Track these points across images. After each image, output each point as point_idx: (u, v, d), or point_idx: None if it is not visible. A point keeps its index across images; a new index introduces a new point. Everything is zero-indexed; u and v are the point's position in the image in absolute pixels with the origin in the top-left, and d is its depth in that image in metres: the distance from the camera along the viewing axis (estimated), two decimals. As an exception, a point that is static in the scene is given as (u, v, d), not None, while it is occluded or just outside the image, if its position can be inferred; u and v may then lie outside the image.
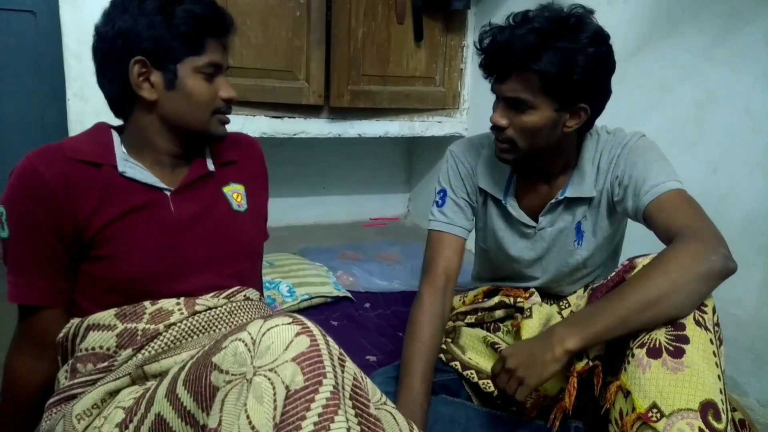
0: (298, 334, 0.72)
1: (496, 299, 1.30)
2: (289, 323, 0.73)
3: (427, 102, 2.59)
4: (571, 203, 1.22)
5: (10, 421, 1.02)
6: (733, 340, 1.53)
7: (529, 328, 1.18)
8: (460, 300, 1.39)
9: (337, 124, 2.45)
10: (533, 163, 1.21)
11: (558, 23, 1.07)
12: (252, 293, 1.07)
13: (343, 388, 0.73)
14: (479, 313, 1.32)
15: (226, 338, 0.74)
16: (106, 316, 0.95)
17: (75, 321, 0.96)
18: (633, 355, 0.93)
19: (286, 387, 0.68)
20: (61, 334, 0.97)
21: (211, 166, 1.08)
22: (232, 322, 0.99)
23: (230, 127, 1.08)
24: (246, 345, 0.72)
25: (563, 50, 1.05)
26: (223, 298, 1.01)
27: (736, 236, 1.51)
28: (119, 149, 1.01)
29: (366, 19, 2.35)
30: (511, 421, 1.19)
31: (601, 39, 1.09)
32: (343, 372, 0.74)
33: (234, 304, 1.01)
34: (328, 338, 0.75)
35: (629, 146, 1.17)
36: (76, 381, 0.93)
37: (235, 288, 1.05)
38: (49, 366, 0.99)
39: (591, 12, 1.10)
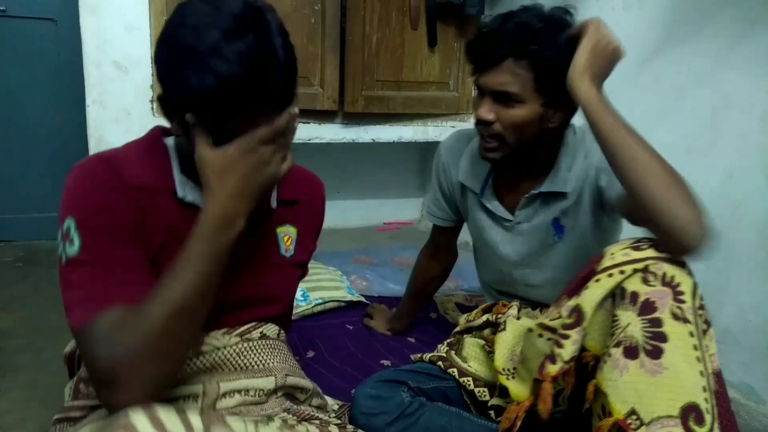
0: None
1: (483, 318, 1.31)
2: None
3: (441, 107, 2.60)
4: (548, 198, 1.23)
5: None
6: (750, 346, 1.51)
7: (503, 341, 1.16)
8: (464, 318, 1.40)
9: (351, 129, 2.46)
10: (516, 161, 1.22)
11: (547, 19, 1.10)
12: (270, 329, 1.00)
13: None
14: (473, 332, 1.34)
15: None
16: None
17: None
18: (609, 355, 0.89)
19: None
20: (68, 349, 0.93)
21: (273, 203, 0.99)
22: (240, 364, 0.93)
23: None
24: None
25: (555, 42, 1.08)
26: (236, 335, 0.94)
27: (752, 242, 1.50)
28: (177, 168, 0.90)
29: (380, 25, 2.37)
30: None
31: None
32: None
33: (246, 344, 0.95)
34: None
35: None
36: (76, 403, 0.90)
37: (251, 324, 0.97)
38: None
39: (570, 13, 1.14)
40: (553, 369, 0.95)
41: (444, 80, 2.57)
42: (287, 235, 1.02)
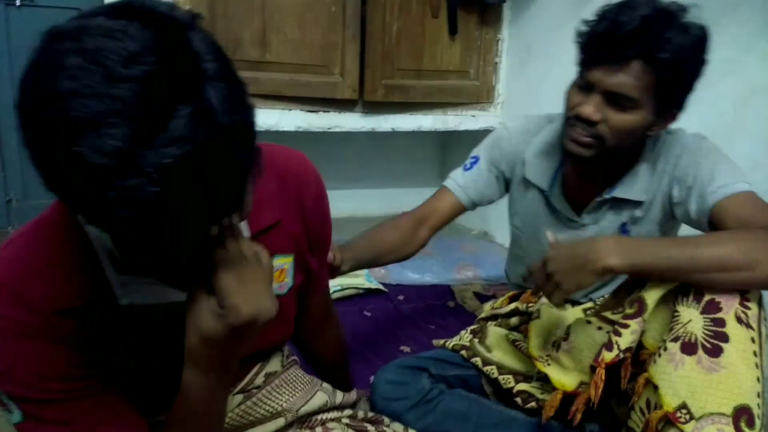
0: None
1: (511, 306, 1.30)
2: None
3: (462, 96, 2.59)
4: (618, 203, 1.18)
5: None
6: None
7: (537, 328, 1.16)
8: (490, 306, 1.39)
9: (371, 118, 2.47)
10: (600, 161, 1.12)
11: (673, 20, 1.01)
12: (273, 365, 0.91)
13: None
14: (498, 320, 1.33)
15: None
16: None
17: None
18: (665, 348, 0.89)
19: None
20: None
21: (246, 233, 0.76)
22: (246, 422, 0.88)
23: (266, 123, 0.76)
24: None
25: (683, 49, 1.00)
26: (238, 392, 0.86)
27: (775, 234, 1.49)
28: (110, 266, 0.65)
29: (401, 13, 2.36)
30: (525, 421, 1.17)
31: (707, 44, 1.04)
32: None
33: (249, 402, 0.88)
34: None
35: (690, 147, 1.11)
36: None
37: (253, 372, 0.88)
38: None
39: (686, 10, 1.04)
40: (608, 356, 0.94)
41: (464, 69, 2.56)
42: (279, 269, 0.82)
